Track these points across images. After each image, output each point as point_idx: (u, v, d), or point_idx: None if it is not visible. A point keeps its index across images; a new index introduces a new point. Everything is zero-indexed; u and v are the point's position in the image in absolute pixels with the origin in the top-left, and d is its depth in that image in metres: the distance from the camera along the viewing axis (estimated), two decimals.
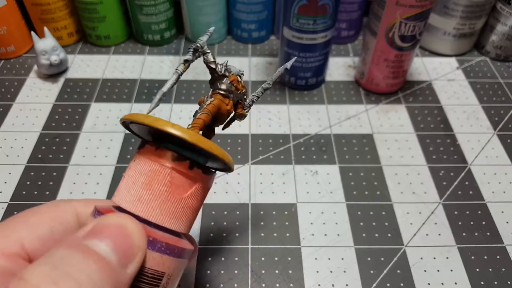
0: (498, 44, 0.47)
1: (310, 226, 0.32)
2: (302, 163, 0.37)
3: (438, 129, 0.40)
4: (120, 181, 0.19)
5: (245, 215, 0.33)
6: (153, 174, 0.18)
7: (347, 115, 0.41)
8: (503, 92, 0.44)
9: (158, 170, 0.18)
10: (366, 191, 0.35)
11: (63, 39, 0.48)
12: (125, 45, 0.49)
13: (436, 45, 0.48)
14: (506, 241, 0.32)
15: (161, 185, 0.18)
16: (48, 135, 0.38)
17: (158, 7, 0.46)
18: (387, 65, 0.40)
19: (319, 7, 0.37)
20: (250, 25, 0.48)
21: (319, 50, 0.40)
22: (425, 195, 0.34)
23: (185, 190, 0.18)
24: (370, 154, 0.37)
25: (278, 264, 0.30)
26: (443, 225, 0.32)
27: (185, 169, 0.18)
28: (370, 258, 0.30)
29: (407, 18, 0.36)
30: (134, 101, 0.42)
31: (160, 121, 0.17)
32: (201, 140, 0.17)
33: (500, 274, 0.30)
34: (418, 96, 0.43)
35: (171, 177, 0.18)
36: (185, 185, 0.18)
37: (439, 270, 0.30)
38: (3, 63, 0.46)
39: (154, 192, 0.18)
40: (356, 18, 0.48)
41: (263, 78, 0.45)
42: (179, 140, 0.17)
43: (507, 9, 0.44)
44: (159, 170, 0.18)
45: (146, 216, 0.18)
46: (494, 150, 0.38)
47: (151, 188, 0.18)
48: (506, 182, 0.36)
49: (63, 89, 0.43)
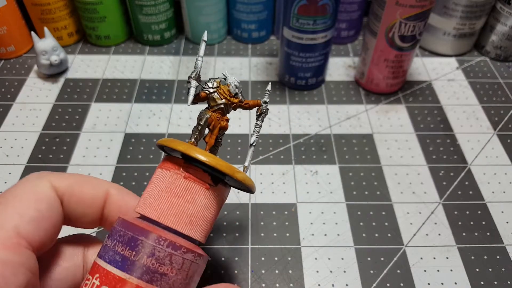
0: (498, 44, 0.47)
1: (310, 226, 0.32)
2: (302, 163, 0.37)
3: (438, 129, 0.40)
4: (146, 191, 0.20)
5: (245, 215, 0.33)
6: (182, 189, 0.19)
7: (347, 115, 0.41)
8: (503, 92, 0.44)
9: (187, 185, 0.19)
10: (366, 191, 0.35)
11: (63, 39, 0.48)
12: (125, 45, 0.49)
13: (436, 45, 0.48)
14: (506, 241, 0.32)
15: (188, 199, 0.19)
16: (48, 135, 0.39)
17: (158, 7, 0.46)
18: (387, 65, 0.40)
19: (319, 7, 0.37)
20: (250, 25, 0.48)
21: (319, 50, 0.40)
22: (425, 195, 0.34)
23: (209, 205, 0.20)
24: (370, 154, 0.37)
25: (278, 264, 0.30)
26: (443, 225, 0.32)
27: (209, 184, 0.20)
28: (370, 258, 0.30)
29: (407, 18, 0.37)
30: (134, 101, 0.42)
31: (191, 148, 0.19)
32: (225, 166, 0.19)
33: (500, 274, 0.30)
34: (418, 96, 0.43)
35: (197, 191, 0.19)
36: (209, 200, 0.20)
37: (439, 270, 0.30)
38: (3, 63, 0.46)
39: (181, 204, 0.19)
40: (356, 18, 0.48)
41: (263, 78, 0.45)
42: (207, 165, 0.19)
43: (507, 9, 0.44)
44: (188, 186, 0.19)
45: (175, 227, 0.19)
46: (494, 150, 0.38)
47: (178, 201, 0.19)
48: (506, 182, 0.36)
49: (63, 89, 0.43)
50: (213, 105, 0.22)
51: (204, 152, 0.19)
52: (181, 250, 0.18)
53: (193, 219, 0.19)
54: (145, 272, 0.17)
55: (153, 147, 0.38)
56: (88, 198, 0.21)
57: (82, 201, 0.21)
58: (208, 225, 0.20)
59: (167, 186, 0.19)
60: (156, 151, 0.37)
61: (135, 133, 0.39)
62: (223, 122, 0.22)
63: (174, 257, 0.18)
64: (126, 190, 0.22)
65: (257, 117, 0.23)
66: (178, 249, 0.18)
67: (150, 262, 0.17)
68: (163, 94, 0.43)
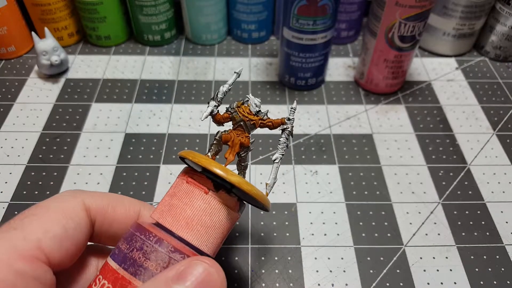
0: (497, 44, 0.47)
1: (310, 226, 0.32)
2: (302, 163, 0.37)
3: (438, 129, 0.40)
4: (164, 200, 0.20)
5: (245, 215, 0.33)
6: (183, 193, 0.20)
7: (346, 115, 0.41)
8: (503, 92, 0.44)
9: (187, 189, 0.20)
10: (365, 191, 0.35)
11: (63, 39, 0.48)
12: (125, 46, 0.49)
13: (435, 45, 0.48)
14: (505, 241, 0.32)
15: (185, 201, 0.20)
16: (49, 135, 0.39)
17: (158, 7, 0.46)
18: (387, 66, 0.41)
19: (318, 8, 0.37)
20: (250, 26, 0.48)
21: (319, 51, 0.40)
22: (425, 195, 0.35)
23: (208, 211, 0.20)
24: (369, 154, 0.38)
25: (278, 264, 0.30)
26: (442, 225, 0.33)
27: (209, 188, 0.20)
28: (370, 258, 0.31)
29: (407, 19, 0.37)
30: (135, 102, 0.42)
31: (213, 163, 0.20)
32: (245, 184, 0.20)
33: (499, 274, 0.30)
34: (417, 96, 0.43)
35: (195, 195, 0.20)
36: (208, 205, 0.20)
37: (439, 269, 0.30)
38: (4, 64, 0.46)
39: (179, 206, 0.20)
40: (355, 18, 0.48)
41: (263, 79, 0.45)
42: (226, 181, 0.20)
43: (506, 10, 0.44)
44: (188, 189, 0.20)
45: (191, 241, 0.19)
46: (494, 150, 0.38)
47: (177, 202, 0.20)
48: (505, 182, 0.36)
49: (64, 89, 0.43)
50: (233, 123, 0.23)
51: (204, 157, 0.20)
52: (168, 249, 0.18)
53: (190, 222, 0.19)
54: (132, 264, 0.18)
55: (153, 147, 0.38)
56: (121, 219, 0.21)
57: (115, 222, 0.21)
58: (210, 233, 0.20)
59: (171, 191, 0.21)
60: (156, 151, 0.37)
61: (135, 133, 0.39)
62: (243, 139, 0.22)
63: (159, 254, 0.18)
64: None
65: (281, 133, 0.23)
66: (165, 247, 0.18)
67: (138, 255, 0.18)
68: (163, 94, 0.43)
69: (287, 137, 0.23)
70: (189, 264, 0.17)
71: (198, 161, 0.20)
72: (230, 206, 0.21)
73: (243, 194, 0.21)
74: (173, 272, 0.17)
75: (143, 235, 0.19)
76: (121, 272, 0.18)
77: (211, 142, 0.22)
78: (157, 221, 0.20)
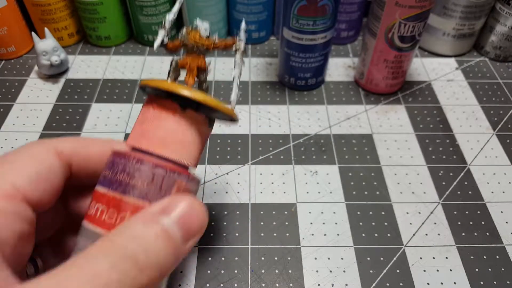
0: (497, 44, 0.47)
1: (309, 226, 0.32)
2: (302, 163, 0.37)
3: (438, 129, 0.40)
4: (136, 128, 0.21)
5: (245, 215, 0.33)
6: (152, 117, 0.21)
7: (346, 116, 0.41)
8: (502, 92, 0.44)
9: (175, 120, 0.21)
10: (365, 191, 0.35)
11: (63, 39, 0.48)
12: (125, 46, 0.49)
13: (435, 45, 0.48)
14: (505, 241, 0.32)
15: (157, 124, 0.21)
16: (49, 135, 0.39)
17: (159, 7, 0.46)
18: (387, 66, 0.41)
19: (318, 8, 0.37)
20: (250, 26, 0.48)
21: (319, 51, 0.40)
22: (425, 195, 0.35)
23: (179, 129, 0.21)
24: (369, 154, 0.38)
25: (278, 264, 0.30)
26: (442, 225, 0.33)
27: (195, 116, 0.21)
28: (370, 258, 0.31)
29: (407, 19, 0.37)
30: (135, 102, 0.42)
31: (176, 85, 0.20)
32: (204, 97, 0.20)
33: (499, 274, 0.30)
34: (417, 97, 0.43)
35: (165, 117, 0.21)
36: (179, 124, 0.21)
37: (439, 270, 0.30)
38: (4, 64, 0.46)
39: (151, 130, 0.21)
40: (355, 18, 0.48)
41: (263, 79, 0.45)
42: (189, 100, 0.20)
43: (506, 10, 0.44)
44: (176, 120, 0.21)
45: (169, 156, 0.20)
46: (494, 150, 0.38)
47: (148, 127, 0.21)
48: (505, 182, 0.36)
49: (64, 89, 0.43)
50: (186, 50, 0.23)
51: (166, 81, 0.21)
52: (149, 166, 0.19)
53: (164, 141, 0.20)
54: (119, 185, 0.19)
55: None
56: (96, 157, 0.21)
57: (91, 161, 0.21)
58: (186, 147, 0.21)
59: (140, 119, 0.21)
60: None
61: None
62: (199, 62, 0.23)
63: (143, 172, 0.19)
64: None
65: (235, 54, 0.24)
66: (147, 165, 0.19)
67: (122, 177, 0.19)
68: None
69: (241, 57, 0.24)
70: (173, 199, 0.18)
71: (161, 86, 0.20)
72: (199, 122, 0.21)
73: (210, 110, 0.21)
74: (158, 207, 0.18)
75: (123, 159, 0.19)
76: (111, 193, 0.19)
77: (168, 70, 0.23)
78: (133, 146, 0.20)
